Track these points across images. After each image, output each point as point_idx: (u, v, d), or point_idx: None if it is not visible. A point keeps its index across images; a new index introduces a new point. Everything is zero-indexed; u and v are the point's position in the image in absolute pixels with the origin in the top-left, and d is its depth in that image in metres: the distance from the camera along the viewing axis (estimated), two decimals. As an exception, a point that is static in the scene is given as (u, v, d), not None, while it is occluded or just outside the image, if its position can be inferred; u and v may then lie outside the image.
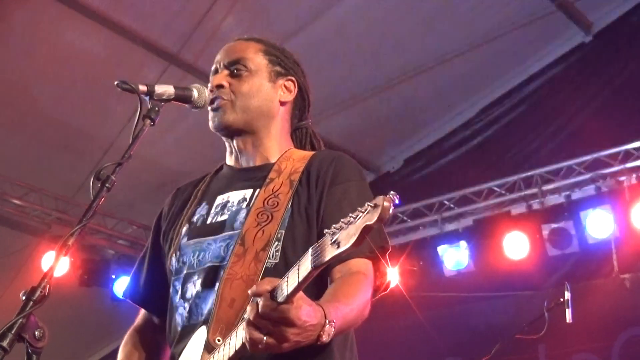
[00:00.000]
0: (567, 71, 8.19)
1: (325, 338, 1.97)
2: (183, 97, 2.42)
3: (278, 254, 2.28)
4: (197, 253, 2.41)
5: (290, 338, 1.93)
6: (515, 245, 7.52)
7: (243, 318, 2.03)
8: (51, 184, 7.99)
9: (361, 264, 2.26)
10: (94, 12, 6.76)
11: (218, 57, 2.63)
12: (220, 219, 2.43)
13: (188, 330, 2.33)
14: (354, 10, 7.20)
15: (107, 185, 2.15)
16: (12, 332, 1.84)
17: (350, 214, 1.79)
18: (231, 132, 2.56)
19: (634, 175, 7.22)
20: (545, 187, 7.68)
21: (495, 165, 8.12)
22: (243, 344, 2.00)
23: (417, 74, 7.87)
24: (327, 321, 1.97)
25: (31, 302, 1.90)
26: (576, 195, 7.52)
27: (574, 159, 7.56)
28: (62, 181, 7.95)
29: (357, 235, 1.75)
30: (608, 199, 7.26)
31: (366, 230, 1.75)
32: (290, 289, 1.87)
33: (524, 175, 7.79)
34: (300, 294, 1.91)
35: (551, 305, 5.55)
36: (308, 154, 2.54)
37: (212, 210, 2.48)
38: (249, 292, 1.96)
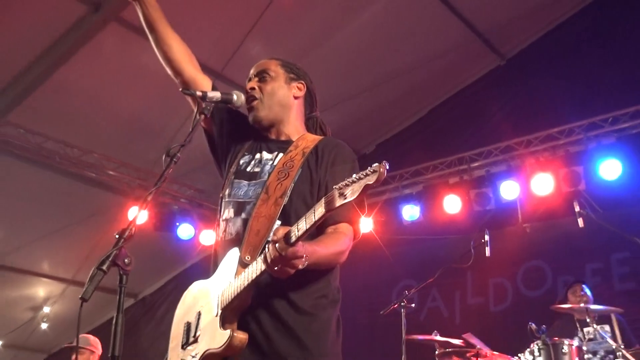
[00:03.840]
0: (488, 85, 8.14)
1: (300, 266, 1.97)
2: (226, 100, 2.43)
3: (287, 198, 2.29)
4: (237, 190, 2.43)
5: (296, 266, 1.95)
6: (452, 204, 7.54)
7: (267, 241, 2.05)
8: (135, 160, 7.95)
9: (344, 227, 2.25)
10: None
11: (251, 71, 2.65)
12: (255, 170, 2.45)
13: (222, 244, 2.36)
14: (340, 44, 7.16)
15: (174, 160, 2.14)
16: (109, 259, 1.84)
17: (354, 177, 1.77)
18: (263, 125, 2.55)
19: (533, 157, 7.23)
20: (473, 165, 7.69)
21: (439, 149, 8.09)
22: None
23: (384, 85, 7.82)
24: (304, 256, 1.98)
25: (122, 239, 1.90)
26: (493, 170, 7.54)
27: (492, 145, 7.56)
28: (142, 158, 7.91)
29: (359, 190, 1.74)
30: (515, 173, 7.28)
31: (366, 188, 1.74)
32: (301, 232, 1.89)
33: (458, 156, 7.79)
34: None
35: (476, 244, 5.57)
36: (317, 137, 2.52)
37: (253, 162, 2.49)
38: (269, 238, 1.97)
